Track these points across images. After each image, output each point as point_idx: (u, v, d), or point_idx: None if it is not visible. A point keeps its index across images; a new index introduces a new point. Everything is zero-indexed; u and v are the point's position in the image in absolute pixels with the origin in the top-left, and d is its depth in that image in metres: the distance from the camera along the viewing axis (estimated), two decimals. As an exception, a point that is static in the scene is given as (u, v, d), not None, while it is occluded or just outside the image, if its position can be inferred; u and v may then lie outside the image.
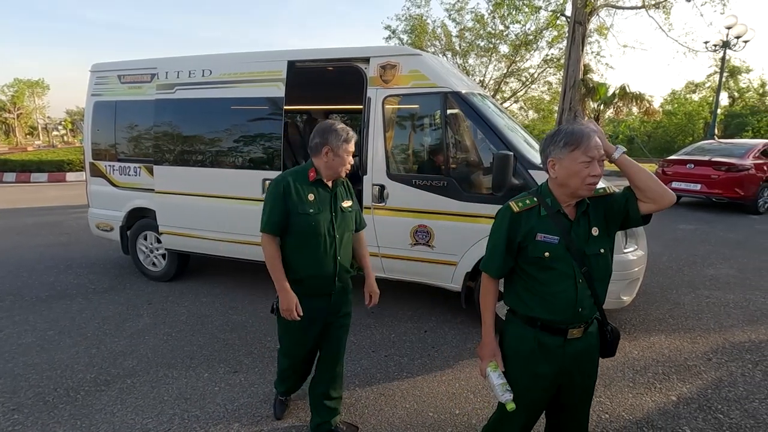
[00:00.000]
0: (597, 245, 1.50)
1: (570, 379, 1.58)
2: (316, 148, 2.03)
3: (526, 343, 1.55)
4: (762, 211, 8.15)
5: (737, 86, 28.00)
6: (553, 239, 1.47)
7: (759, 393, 2.65)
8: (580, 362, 1.57)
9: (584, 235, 1.50)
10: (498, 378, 1.55)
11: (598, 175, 1.44)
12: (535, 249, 1.49)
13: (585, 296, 1.50)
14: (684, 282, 4.58)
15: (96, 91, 4.62)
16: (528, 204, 1.53)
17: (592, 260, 1.49)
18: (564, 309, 1.49)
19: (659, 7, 18.22)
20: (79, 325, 3.58)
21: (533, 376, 1.55)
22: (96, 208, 4.82)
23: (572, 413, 1.67)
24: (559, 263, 1.47)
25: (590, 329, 1.57)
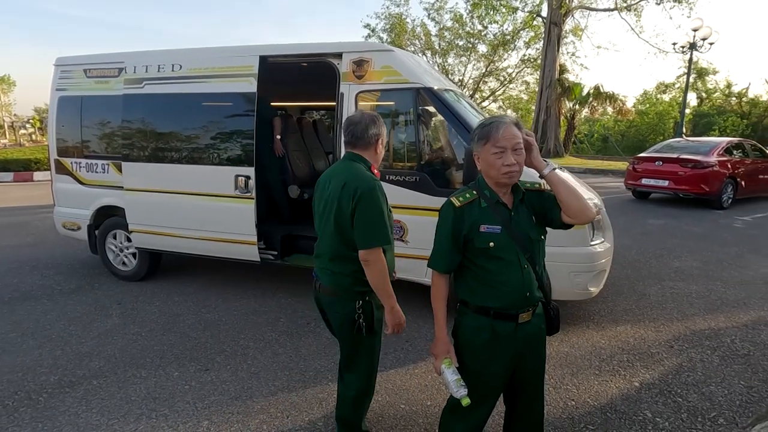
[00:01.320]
0: (538, 231, 1.59)
1: (522, 363, 1.63)
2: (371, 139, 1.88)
3: (481, 333, 1.58)
4: (726, 206, 8.49)
5: (705, 87, 29.08)
6: (495, 229, 1.53)
7: (716, 377, 2.78)
8: (531, 345, 1.62)
9: (527, 221, 1.57)
10: (452, 374, 1.57)
11: (512, 164, 1.48)
12: (480, 240, 1.53)
13: (531, 280, 1.56)
14: (651, 274, 4.74)
15: (61, 86, 4.47)
16: (468, 198, 1.58)
17: (535, 245, 1.57)
18: (513, 295, 1.54)
19: (631, 9, 18.80)
20: (43, 327, 3.47)
21: (489, 364, 1.58)
22: (62, 206, 4.67)
23: (526, 401, 1.72)
24: (504, 252, 1.53)
25: (537, 311, 1.63)
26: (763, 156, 9.57)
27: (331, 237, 1.83)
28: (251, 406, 2.49)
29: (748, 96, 26.44)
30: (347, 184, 1.77)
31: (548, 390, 2.64)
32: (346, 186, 1.77)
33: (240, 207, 3.77)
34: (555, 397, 2.57)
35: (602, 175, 14.43)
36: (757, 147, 9.80)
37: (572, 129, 21.85)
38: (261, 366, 2.91)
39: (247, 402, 2.53)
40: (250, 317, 3.66)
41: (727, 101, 27.48)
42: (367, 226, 1.75)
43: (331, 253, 1.86)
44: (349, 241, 1.79)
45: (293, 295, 4.09)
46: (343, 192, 1.77)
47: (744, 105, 26.17)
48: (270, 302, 3.95)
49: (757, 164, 9.22)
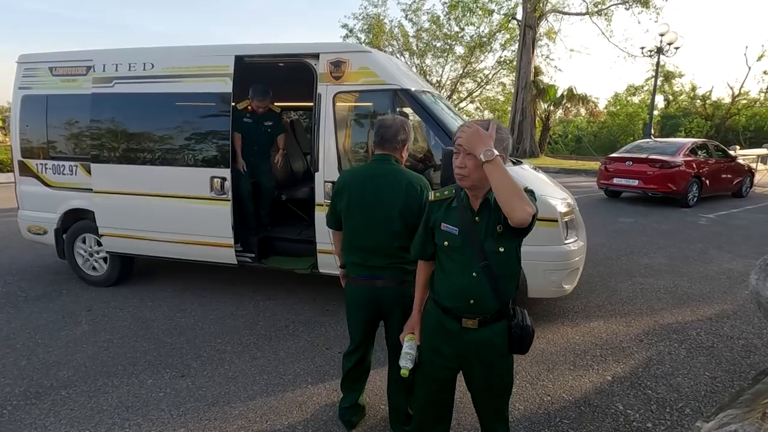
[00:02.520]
0: (498, 243, 1.50)
1: (470, 369, 1.65)
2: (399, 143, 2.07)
3: (431, 320, 1.68)
4: (691, 204, 8.87)
5: (671, 90, 30.23)
6: (453, 230, 1.57)
7: (683, 369, 2.90)
8: (480, 353, 1.60)
9: (485, 230, 1.52)
10: (407, 347, 1.73)
11: (461, 166, 1.49)
12: (438, 237, 1.61)
13: (479, 290, 1.52)
14: (621, 270, 4.90)
15: (24, 84, 4.28)
16: (445, 195, 1.64)
17: (492, 257, 1.50)
18: (456, 298, 1.57)
19: (601, 14, 19.38)
20: (6, 336, 3.31)
21: (433, 350, 1.67)
22: (27, 210, 4.47)
23: (486, 421, 1.73)
24: (457, 254, 1.56)
25: (493, 324, 1.57)
26: (726, 156, 10.03)
27: (391, 232, 1.98)
28: (229, 411, 2.45)
29: (711, 99, 27.65)
30: (410, 182, 2.00)
31: (525, 386, 2.70)
32: (409, 184, 1.99)
33: (216, 209, 3.70)
34: (531, 393, 2.63)
35: (576, 174, 14.82)
36: (719, 147, 10.27)
37: (547, 130, 22.40)
38: (239, 370, 2.86)
39: (224, 408, 2.48)
40: (227, 321, 3.60)
41: (692, 104, 28.66)
42: None
43: (391, 247, 2.00)
44: (410, 231, 1.93)
45: (271, 298, 4.04)
46: (409, 189, 1.98)
47: (708, 107, 27.35)
48: (247, 305, 3.89)
49: (720, 164, 9.66)
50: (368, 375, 2.38)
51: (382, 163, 2.06)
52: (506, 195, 1.35)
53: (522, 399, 2.58)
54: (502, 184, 1.36)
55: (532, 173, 3.72)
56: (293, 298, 4.02)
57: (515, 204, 1.34)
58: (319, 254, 3.63)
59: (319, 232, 3.57)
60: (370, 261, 2.03)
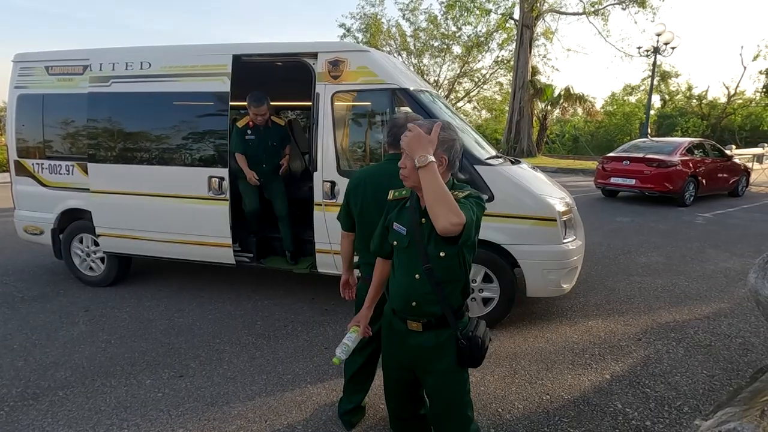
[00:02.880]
0: (438, 247, 1.49)
1: (419, 372, 1.65)
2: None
3: (385, 320, 1.72)
4: (688, 203, 8.90)
5: (668, 89, 30.35)
6: (401, 230, 1.58)
7: (681, 367, 2.91)
8: (427, 359, 1.59)
9: (429, 233, 1.50)
10: (347, 338, 1.76)
11: (402, 167, 1.51)
12: (390, 236, 1.64)
13: (421, 292, 1.53)
14: (619, 270, 4.91)
15: (20, 83, 4.25)
16: (402, 194, 1.66)
17: (434, 261, 1.50)
18: (399, 299, 1.59)
19: (598, 14, 19.43)
20: (3, 337, 3.29)
21: (387, 351, 1.73)
22: (23, 210, 4.44)
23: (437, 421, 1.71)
24: (404, 255, 1.58)
25: (438, 330, 1.55)
26: (722, 155, 10.08)
27: None
28: (228, 411, 2.45)
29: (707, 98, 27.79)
30: None
31: (524, 385, 2.71)
32: None
33: (214, 209, 3.68)
34: (530, 392, 2.64)
35: (573, 174, 14.86)
36: (716, 147, 10.31)
37: (544, 129, 22.46)
38: (237, 370, 2.86)
39: (223, 408, 2.48)
40: (225, 321, 3.59)
41: (689, 103, 28.80)
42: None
43: None
44: None
45: (269, 298, 4.03)
46: None
47: (704, 107, 27.48)
48: (246, 305, 3.88)
49: (717, 163, 9.70)
50: (374, 377, 2.37)
51: (397, 162, 2.04)
52: (431, 202, 1.33)
53: (521, 398, 2.58)
54: (430, 190, 1.34)
55: (531, 173, 3.72)
56: (292, 298, 4.02)
57: (438, 211, 1.31)
58: (318, 254, 3.62)
59: (318, 231, 3.56)
60: None
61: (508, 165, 3.57)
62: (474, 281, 3.34)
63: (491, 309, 3.38)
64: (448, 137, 1.48)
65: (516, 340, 3.28)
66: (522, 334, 3.36)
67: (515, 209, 3.22)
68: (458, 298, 1.56)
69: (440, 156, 1.44)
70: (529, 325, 3.53)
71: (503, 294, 3.33)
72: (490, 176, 3.24)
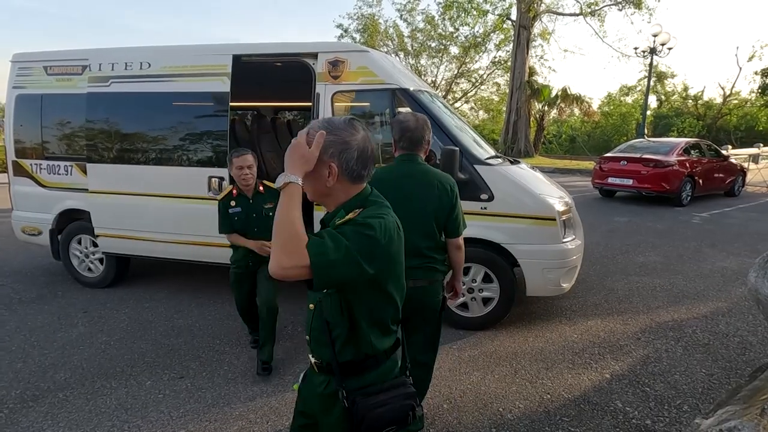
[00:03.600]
0: None
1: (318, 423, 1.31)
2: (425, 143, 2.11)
3: None
4: (685, 203, 8.95)
5: (664, 90, 30.53)
6: None
7: (680, 366, 2.92)
8: (318, 406, 1.28)
9: None
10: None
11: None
12: None
13: (313, 326, 1.25)
14: (617, 269, 4.94)
15: (19, 83, 4.23)
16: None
17: (322, 294, 1.20)
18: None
19: (595, 14, 19.52)
20: (1, 339, 3.27)
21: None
22: (21, 210, 4.42)
23: None
24: None
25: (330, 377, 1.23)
26: (718, 156, 10.14)
27: (423, 232, 1.99)
28: (229, 412, 2.44)
29: (703, 99, 27.96)
30: (441, 181, 2.02)
31: (524, 385, 2.71)
32: (440, 183, 2.01)
33: (214, 209, 3.66)
34: (531, 392, 2.64)
35: (570, 174, 14.91)
36: (712, 147, 10.37)
37: (542, 129, 22.51)
38: (238, 371, 2.85)
39: (224, 409, 2.47)
40: (225, 322, 3.58)
41: (685, 104, 28.97)
42: (461, 215, 2.06)
43: (422, 247, 2.00)
44: (439, 232, 2.03)
45: (270, 298, 4.03)
46: (441, 188, 2.00)
47: (700, 107, 27.66)
48: (246, 306, 3.87)
49: (713, 163, 9.76)
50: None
51: (411, 163, 2.06)
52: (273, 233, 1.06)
53: (522, 397, 2.59)
54: (276, 219, 1.07)
55: (530, 172, 3.74)
56: (291, 299, 4.00)
57: (273, 247, 1.06)
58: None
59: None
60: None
61: (508, 165, 3.58)
62: (474, 281, 3.35)
63: (491, 309, 3.39)
64: (337, 140, 1.14)
65: (516, 339, 3.29)
66: (522, 334, 3.37)
67: (515, 209, 3.23)
68: (348, 351, 1.19)
69: (327, 164, 1.13)
70: (529, 324, 3.54)
71: (503, 293, 3.34)
72: (490, 176, 3.25)
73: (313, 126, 1.17)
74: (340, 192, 1.18)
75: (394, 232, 1.16)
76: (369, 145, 1.19)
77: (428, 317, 2.11)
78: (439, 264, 2.07)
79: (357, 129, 1.17)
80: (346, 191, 1.19)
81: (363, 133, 1.18)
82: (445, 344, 3.07)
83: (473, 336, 3.33)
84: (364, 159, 1.17)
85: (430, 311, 2.09)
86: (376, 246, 1.10)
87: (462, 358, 3.02)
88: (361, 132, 1.18)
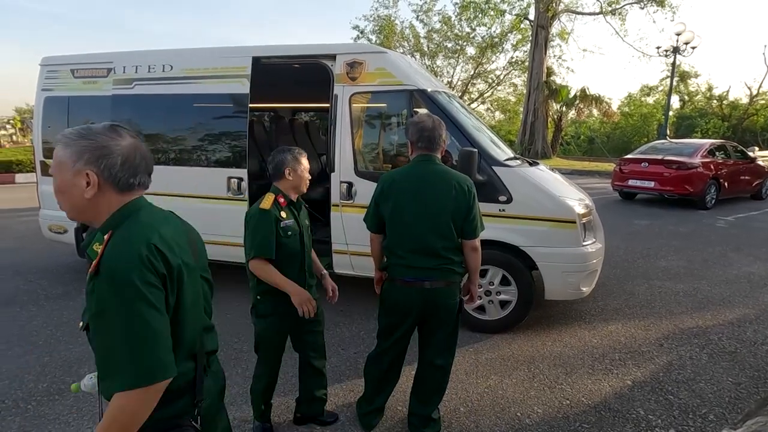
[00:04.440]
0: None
1: None
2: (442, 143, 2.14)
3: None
4: (709, 206, 8.70)
5: (687, 90, 29.71)
6: None
7: (705, 374, 2.84)
8: None
9: None
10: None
11: None
12: None
13: None
14: (638, 273, 4.82)
15: (47, 86, 4.37)
16: None
17: None
18: None
19: (615, 13, 19.14)
20: (29, 333, 3.38)
21: None
22: (48, 209, 4.56)
23: None
24: None
25: None
26: (745, 157, 9.82)
27: (440, 233, 1.99)
28: (247, 410, 2.46)
29: (728, 99, 27.12)
30: (459, 182, 2.01)
31: (543, 390, 2.67)
32: (458, 184, 2.00)
33: (233, 209, 3.73)
34: (550, 397, 2.60)
35: (589, 176, 14.65)
36: (738, 149, 10.06)
37: (559, 130, 22.17)
38: (256, 370, 2.88)
39: (242, 406, 2.50)
40: (242, 321, 3.62)
41: (709, 104, 28.13)
42: (478, 217, 2.04)
43: (439, 248, 1.99)
44: (456, 233, 2.01)
45: (286, 298, 4.06)
46: (458, 189, 1.99)
47: (725, 107, 26.82)
48: (263, 305, 3.91)
49: (739, 165, 9.46)
50: (398, 380, 2.36)
51: (428, 163, 2.05)
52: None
53: (540, 402, 2.55)
54: None
55: (549, 174, 3.68)
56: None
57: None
58: (334, 254, 3.64)
59: (335, 232, 3.57)
60: (418, 262, 2.00)
61: (527, 166, 3.54)
62: (492, 284, 3.32)
63: (508, 312, 3.35)
64: (93, 145, 1.00)
65: (534, 343, 3.25)
66: (540, 338, 3.33)
67: (534, 211, 3.19)
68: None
69: (83, 173, 0.99)
70: (547, 328, 3.49)
71: (521, 297, 3.30)
72: (509, 177, 3.22)
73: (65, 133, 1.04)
74: (104, 205, 1.03)
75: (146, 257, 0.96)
76: (139, 152, 1.06)
77: (445, 319, 2.09)
78: (456, 266, 2.05)
79: (121, 134, 1.04)
80: (112, 204, 1.04)
81: (131, 140, 1.06)
82: (462, 347, 3.04)
83: (490, 339, 3.30)
84: (132, 166, 1.04)
85: (446, 313, 2.07)
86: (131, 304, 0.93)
87: (479, 361, 2.99)
88: (128, 138, 1.05)
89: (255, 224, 2.05)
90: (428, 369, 2.20)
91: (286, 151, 2.13)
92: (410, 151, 2.14)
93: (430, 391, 2.21)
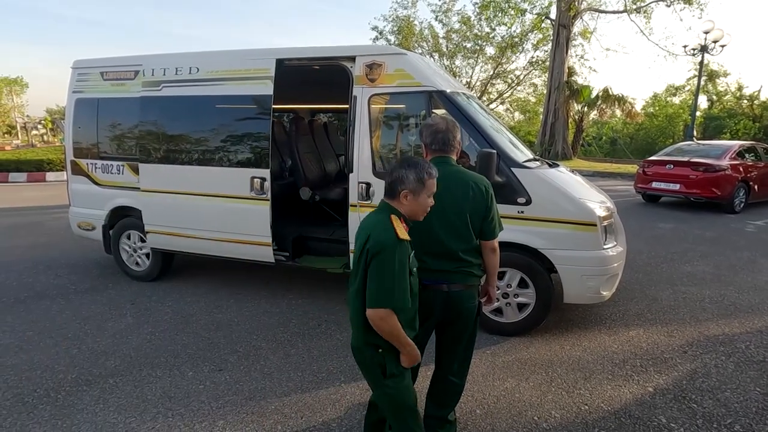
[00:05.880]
0: None
1: None
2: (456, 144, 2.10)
3: None
4: (738, 210, 8.40)
5: (715, 89, 28.73)
6: None
7: (731, 383, 2.75)
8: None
9: None
10: None
11: None
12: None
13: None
14: (662, 278, 4.70)
15: (78, 88, 4.54)
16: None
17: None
18: None
19: (640, 11, 18.67)
20: (59, 326, 3.52)
21: None
22: (77, 207, 4.74)
23: None
24: None
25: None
26: (776, 160, 9.45)
27: (458, 235, 1.97)
28: (265, 406, 2.52)
29: (760, 99, 26.09)
30: (476, 182, 1.99)
31: (561, 394, 2.64)
32: (475, 185, 1.98)
33: (255, 208, 3.80)
34: (568, 402, 2.57)
35: (611, 178, 14.33)
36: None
37: (580, 131, 21.72)
38: (274, 367, 2.93)
39: (261, 402, 2.55)
40: (261, 318, 3.69)
41: (739, 104, 27.12)
42: (497, 217, 2.03)
43: (458, 250, 1.97)
44: (475, 234, 1.99)
45: (303, 297, 4.12)
46: (475, 190, 1.97)
47: (756, 108, 25.82)
48: (281, 303, 3.98)
49: (770, 168, 9.10)
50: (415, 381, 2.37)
51: (444, 164, 2.04)
52: None
53: (558, 407, 2.52)
54: None
55: (570, 176, 3.63)
56: (324, 298, 4.09)
57: None
58: (352, 254, 3.66)
59: (352, 232, 3.60)
60: (437, 265, 1.98)
61: (546, 168, 3.49)
62: (509, 286, 3.29)
63: (527, 315, 3.32)
64: None
65: (552, 347, 3.21)
66: (558, 342, 3.28)
67: (554, 213, 3.15)
68: None
69: None
70: (565, 332, 3.44)
71: (539, 300, 3.26)
72: (528, 179, 3.19)
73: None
74: None
75: None
76: None
77: (465, 323, 2.09)
78: (475, 268, 2.04)
79: None
80: None
81: None
82: (479, 349, 3.03)
83: (507, 342, 3.27)
84: None
85: (466, 316, 2.06)
86: None
87: (496, 364, 2.97)
88: None
89: (390, 260, 1.56)
90: (445, 381, 2.18)
91: (411, 166, 1.67)
92: (425, 154, 2.13)
93: (447, 397, 2.21)
